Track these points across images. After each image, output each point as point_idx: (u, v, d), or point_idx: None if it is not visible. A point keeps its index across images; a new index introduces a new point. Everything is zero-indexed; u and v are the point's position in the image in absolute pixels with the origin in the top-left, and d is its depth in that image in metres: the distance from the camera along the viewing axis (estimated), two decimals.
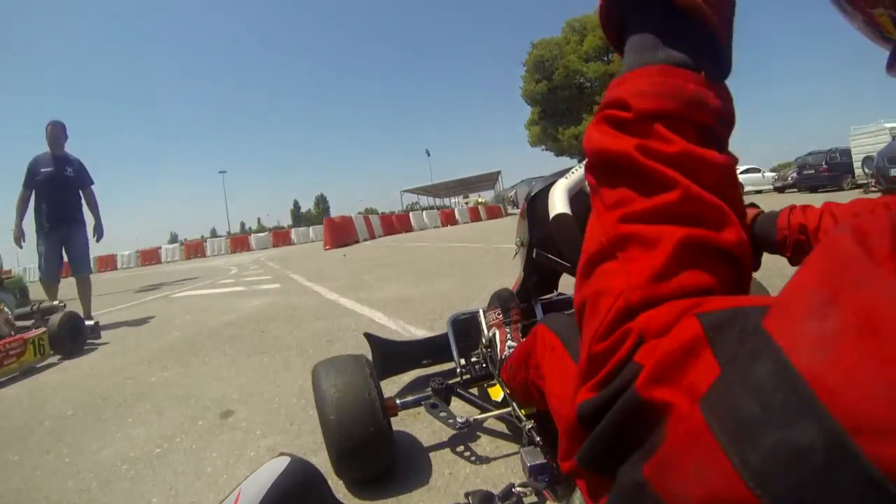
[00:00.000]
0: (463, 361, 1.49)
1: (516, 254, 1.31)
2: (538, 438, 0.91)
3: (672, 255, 0.27)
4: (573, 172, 0.83)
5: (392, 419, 1.19)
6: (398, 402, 1.29)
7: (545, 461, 0.84)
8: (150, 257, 25.42)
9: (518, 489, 0.81)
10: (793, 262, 0.75)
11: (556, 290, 1.56)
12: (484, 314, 1.43)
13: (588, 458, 0.28)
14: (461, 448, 1.28)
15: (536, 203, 1.12)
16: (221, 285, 6.69)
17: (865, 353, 0.15)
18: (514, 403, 1.06)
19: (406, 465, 1.23)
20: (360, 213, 21.10)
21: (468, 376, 1.41)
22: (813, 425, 0.15)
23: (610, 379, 0.26)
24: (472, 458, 1.23)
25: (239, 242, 25.35)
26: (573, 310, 0.34)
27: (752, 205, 0.82)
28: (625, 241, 0.28)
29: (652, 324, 0.25)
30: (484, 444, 1.29)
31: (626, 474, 0.24)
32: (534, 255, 1.15)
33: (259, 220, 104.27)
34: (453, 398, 1.32)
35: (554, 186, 0.81)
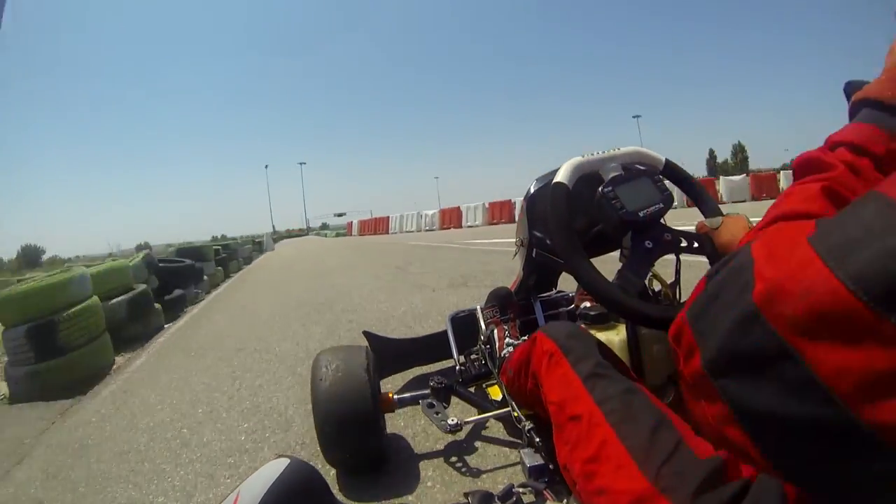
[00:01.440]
0: (462, 359, 1.48)
1: (516, 253, 1.31)
2: (537, 439, 0.90)
3: None
4: (593, 154, 0.82)
5: (397, 426, 1.19)
6: (396, 398, 1.30)
7: (544, 462, 0.84)
8: (449, 219, 18.53)
9: (518, 489, 0.81)
10: None
11: (556, 288, 1.56)
12: (481, 311, 1.43)
13: (693, 313, 0.32)
14: (462, 448, 1.28)
15: (536, 202, 1.11)
16: None
17: None
18: (513, 403, 1.06)
19: (406, 466, 1.23)
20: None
21: (468, 375, 1.41)
22: None
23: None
24: (472, 459, 1.23)
25: None
26: (571, 307, 0.35)
27: None
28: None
29: None
30: (483, 445, 1.29)
31: (736, 303, 0.28)
32: (533, 255, 1.15)
33: None
34: (454, 397, 1.32)
35: (570, 160, 0.80)
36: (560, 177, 0.77)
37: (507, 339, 1.27)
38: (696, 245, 0.75)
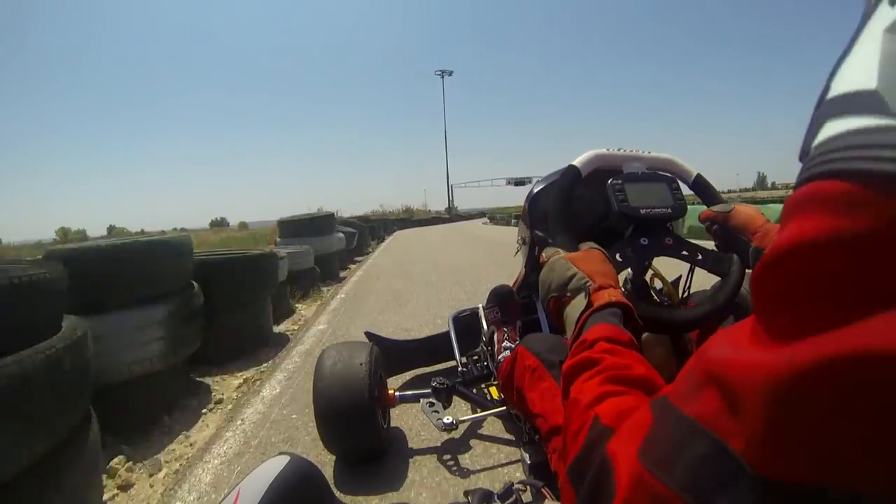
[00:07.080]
0: (464, 359, 1.48)
1: (517, 251, 1.31)
2: (537, 437, 0.91)
3: None
4: (619, 150, 0.81)
5: (400, 424, 1.20)
6: (397, 394, 1.31)
7: (544, 460, 0.84)
8: None
9: (517, 487, 0.81)
10: None
11: None
12: (483, 311, 1.43)
13: None
14: (461, 447, 1.28)
15: (538, 201, 1.11)
16: None
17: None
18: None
19: (406, 463, 1.24)
20: None
21: (469, 375, 1.41)
22: (705, 442, 0.22)
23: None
24: (472, 457, 1.23)
25: None
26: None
27: None
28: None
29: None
30: (483, 444, 1.30)
31: None
32: (535, 253, 1.15)
33: None
34: (455, 396, 1.33)
35: (593, 150, 0.79)
36: (576, 161, 0.77)
37: (506, 343, 1.28)
38: (699, 257, 0.74)
